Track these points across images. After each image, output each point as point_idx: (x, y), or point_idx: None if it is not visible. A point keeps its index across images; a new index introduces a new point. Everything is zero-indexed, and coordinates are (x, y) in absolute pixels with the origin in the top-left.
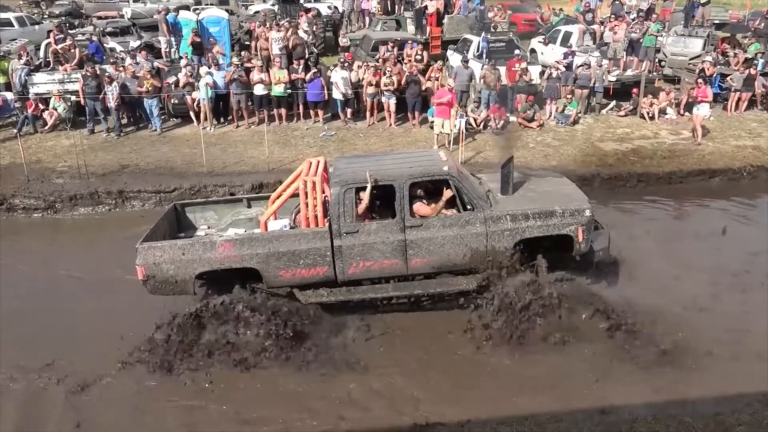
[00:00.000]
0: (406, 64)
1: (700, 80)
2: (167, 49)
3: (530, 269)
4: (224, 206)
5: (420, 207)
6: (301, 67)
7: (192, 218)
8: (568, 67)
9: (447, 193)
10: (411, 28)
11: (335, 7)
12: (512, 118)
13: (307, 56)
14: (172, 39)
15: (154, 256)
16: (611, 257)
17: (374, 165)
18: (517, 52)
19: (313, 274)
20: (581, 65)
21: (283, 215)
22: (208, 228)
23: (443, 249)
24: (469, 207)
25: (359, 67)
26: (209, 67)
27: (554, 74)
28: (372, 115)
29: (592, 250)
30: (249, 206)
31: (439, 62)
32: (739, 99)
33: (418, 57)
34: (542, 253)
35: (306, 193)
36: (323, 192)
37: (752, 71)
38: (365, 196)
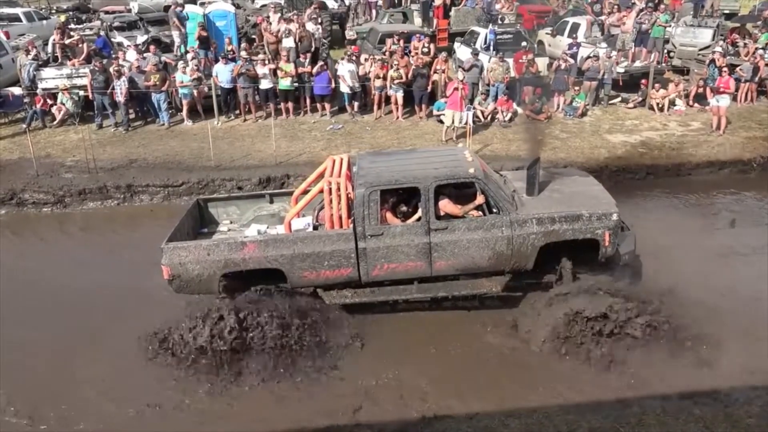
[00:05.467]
0: (413, 56)
1: (724, 70)
2: (179, 44)
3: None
4: (247, 201)
5: (446, 204)
6: (307, 60)
7: (214, 213)
8: (572, 58)
9: (478, 199)
10: (418, 20)
11: (342, 0)
12: (519, 110)
13: (314, 49)
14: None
15: (180, 256)
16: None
17: (398, 164)
18: (524, 44)
19: (337, 275)
20: (589, 57)
21: (306, 211)
22: (231, 223)
23: (468, 252)
24: (494, 209)
25: (366, 60)
26: (217, 61)
27: (562, 66)
28: (379, 108)
29: (618, 254)
30: (271, 202)
31: (443, 54)
32: (749, 90)
33: (425, 50)
34: (567, 255)
35: (330, 191)
36: (347, 190)
37: (760, 62)
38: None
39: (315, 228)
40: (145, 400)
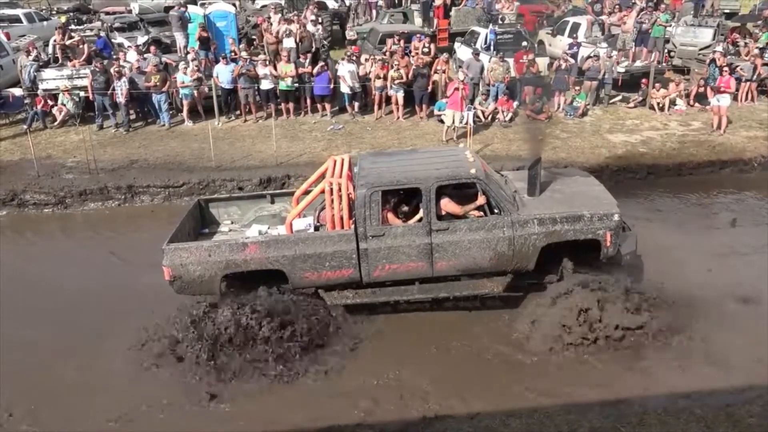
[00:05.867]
0: (413, 57)
1: (725, 69)
2: (183, 45)
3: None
4: (248, 202)
5: (447, 203)
6: (308, 60)
7: (215, 214)
8: (573, 58)
9: (480, 200)
10: (418, 20)
11: (342, 0)
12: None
13: (314, 50)
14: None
15: (181, 258)
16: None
17: (400, 165)
18: (524, 43)
19: (339, 275)
20: (590, 56)
21: (307, 211)
22: (232, 223)
23: (469, 252)
24: (496, 210)
25: (366, 60)
26: (217, 62)
27: (563, 66)
28: (380, 108)
29: (620, 254)
30: (272, 202)
31: (445, 54)
32: (749, 89)
33: (426, 50)
34: (568, 255)
35: (331, 192)
36: (348, 191)
37: (757, 60)
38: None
39: (316, 229)
40: (144, 401)
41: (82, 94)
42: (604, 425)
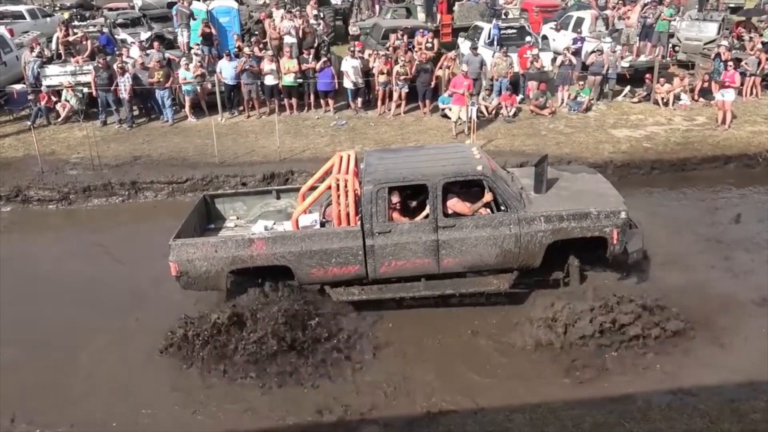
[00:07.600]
0: (416, 52)
1: (730, 64)
2: (186, 42)
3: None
4: (253, 197)
5: (456, 203)
6: (311, 56)
7: (221, 209)
8: (577, 53)
9: (487, 197)
10: (421, 15)
11: None
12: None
13: (317, 45)
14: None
15: (187, 253)
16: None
17: (406, 161)
18: (528, 38)
19: (345, 272)
20: (594, 51)
21: (313, 207)
22: (237, 219)
23: (475, 249)
24: (502, 207)
25: (369, 55)
26: (220, 57)
27: (566, 61)
28: (383, 103)
29: (626, 252)
30: (278, 198)
31: (453, 51)
32: (754, 84)
33: (429, 45)
34: (574, 252)
35: (338, 188)
36: (354, 188)
37: (762, 55)
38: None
39: (322, 225)
40: (149, 399)
41: (85, 90)
42: (608, 420)
